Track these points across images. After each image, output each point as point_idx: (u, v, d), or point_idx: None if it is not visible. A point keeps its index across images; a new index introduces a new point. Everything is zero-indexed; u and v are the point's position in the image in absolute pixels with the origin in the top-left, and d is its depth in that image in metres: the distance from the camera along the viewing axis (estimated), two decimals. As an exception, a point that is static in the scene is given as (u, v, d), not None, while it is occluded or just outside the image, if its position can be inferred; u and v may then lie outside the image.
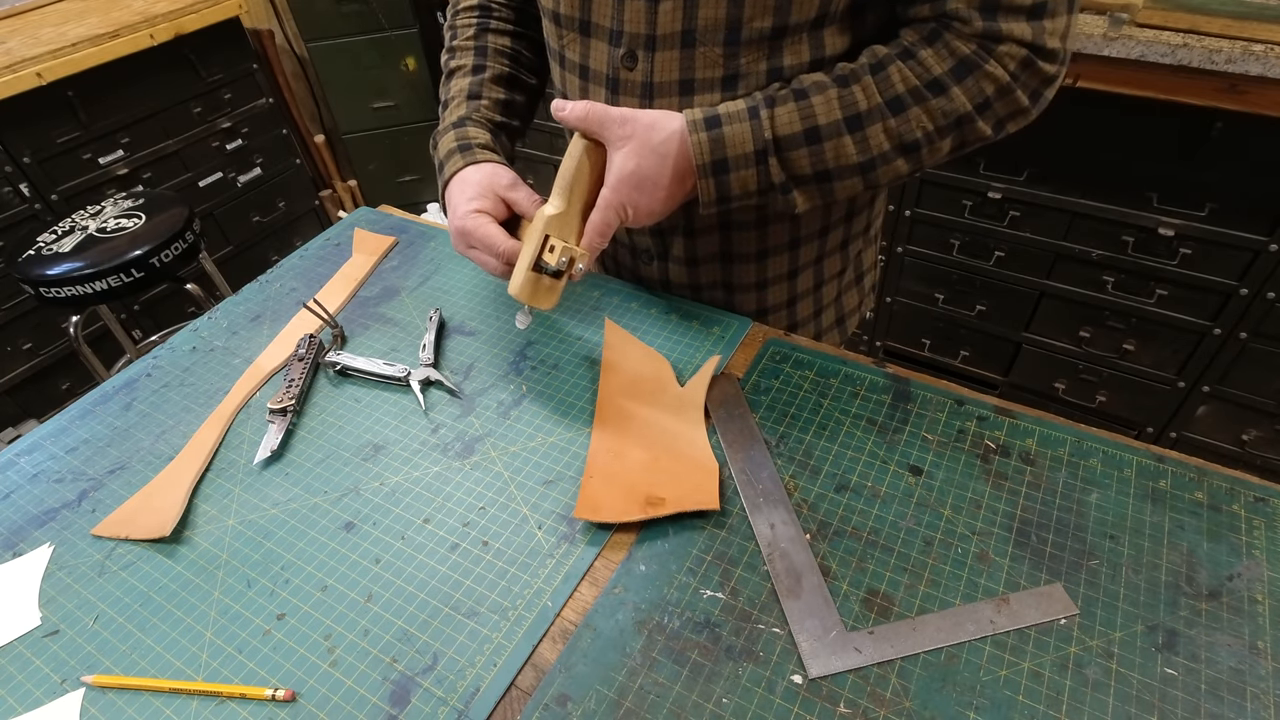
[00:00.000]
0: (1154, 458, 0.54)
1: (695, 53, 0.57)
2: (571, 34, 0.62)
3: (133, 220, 1.49)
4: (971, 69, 0.52)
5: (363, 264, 0.82)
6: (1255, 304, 1.27)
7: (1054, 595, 0.46)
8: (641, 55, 0.58)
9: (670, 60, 0.57)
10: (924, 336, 1.72)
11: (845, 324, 0.82)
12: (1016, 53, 0.51)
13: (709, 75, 0.57)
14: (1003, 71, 0.52)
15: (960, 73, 0.52)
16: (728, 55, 0.56)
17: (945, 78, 0.52)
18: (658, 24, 0.56)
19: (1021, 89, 0.53)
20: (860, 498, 0.53)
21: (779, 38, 0.55)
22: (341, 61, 2.27)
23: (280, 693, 0.45)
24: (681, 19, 0.55)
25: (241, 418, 0.65)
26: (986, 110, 0.53)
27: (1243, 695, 0.42)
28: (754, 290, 0.72)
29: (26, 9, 1.95)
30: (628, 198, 0.55)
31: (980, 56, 0.52)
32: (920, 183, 1.48)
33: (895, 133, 0.54)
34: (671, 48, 0.57)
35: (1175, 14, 1.11)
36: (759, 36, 0.55)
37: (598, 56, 0.61)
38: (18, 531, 0.58)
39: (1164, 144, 1.21)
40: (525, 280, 0.56)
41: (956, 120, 0.54)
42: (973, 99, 0.53)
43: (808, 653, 0.45)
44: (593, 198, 0.57)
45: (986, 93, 0.53)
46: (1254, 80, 1.06)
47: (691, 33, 0.56)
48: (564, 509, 0.54)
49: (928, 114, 0.53)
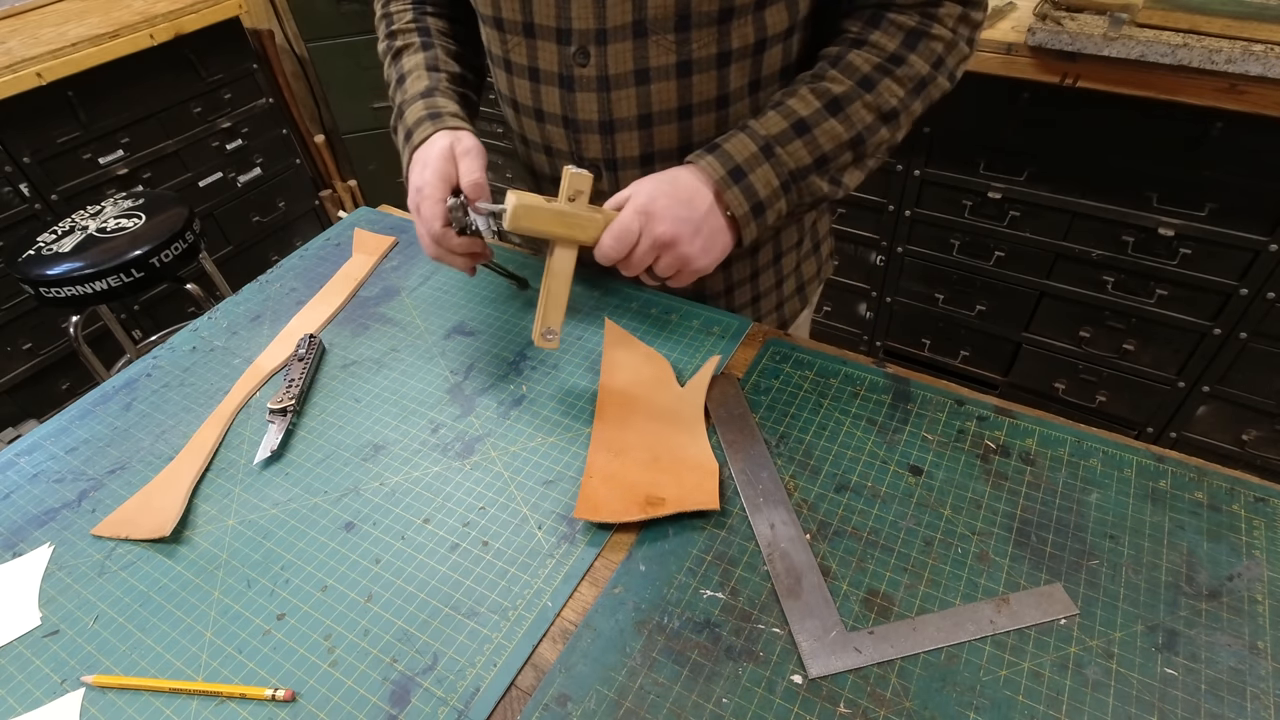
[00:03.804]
0: (1154, 458, 0.54)
1: (648, 42, 0.58)
2: (516, 37, 0.63)
3: (133, 220, 1.49)
4: (920, 36, 0.58)
5: (363, 264, 0.82)
6: (1255, 304, 1.27)
7: (1054, 595, 0.46)
8: (594, 50, 0.59)
9: (623, 52, 0.59)
10: (924, 336, 1.72)
11: (805, 291, 0.85)
12: (953, 10, 0.59)
13: (663, 63, 0.59)
14: (946, 30, 0.59)
15: (912, 42, 0.58)
16: (679, 41, 0.58)
17: (900, 50, 0.58)
18: (607, 18, 0.57)
19: (962, 40, 0.60)
20: (860, 498, 0.53)
21: (726, 20, 0.57)
22: (341, 61, 2.27)
23: (280, 693, 0.45)
24: (631, 10, 0.57)
25: (241, 418, 0.65)
26: (941, 66, 0.60)
27: (1243, 695, 0.42)
28: (720, 270, 0.74)
29: (26, 9, 1.95)
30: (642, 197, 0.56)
31: (925, 25, 0.58)
32: (920, 183, 1.48)
33: (874, 105, 0.59)
34: (624, 39, 0.58)
35: (1175, 14, 1.11)
36: (707, 21, 0.57)
37: (546, 57, 0.62)
38: (18, 531, 0.58)
39: (1164, 144, 1.21)
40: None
41: (920, 82, 0.60)
42: (929, 60, 0.59)
43: (808, 653, 0.45)
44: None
45: (938, 52, 0.59)
46: (1254, 80, 1.06)
47: (642, 23, 0.57)
48: (564, 509, 0.54)
49: (896, 83, 0.59)
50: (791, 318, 0.84)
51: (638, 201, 0.56)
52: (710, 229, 0.57)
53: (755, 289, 0.78)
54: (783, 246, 0.77)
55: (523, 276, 0.76)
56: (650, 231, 0.56)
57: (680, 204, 0.56)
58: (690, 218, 0.56)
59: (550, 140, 0.67)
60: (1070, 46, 1.15)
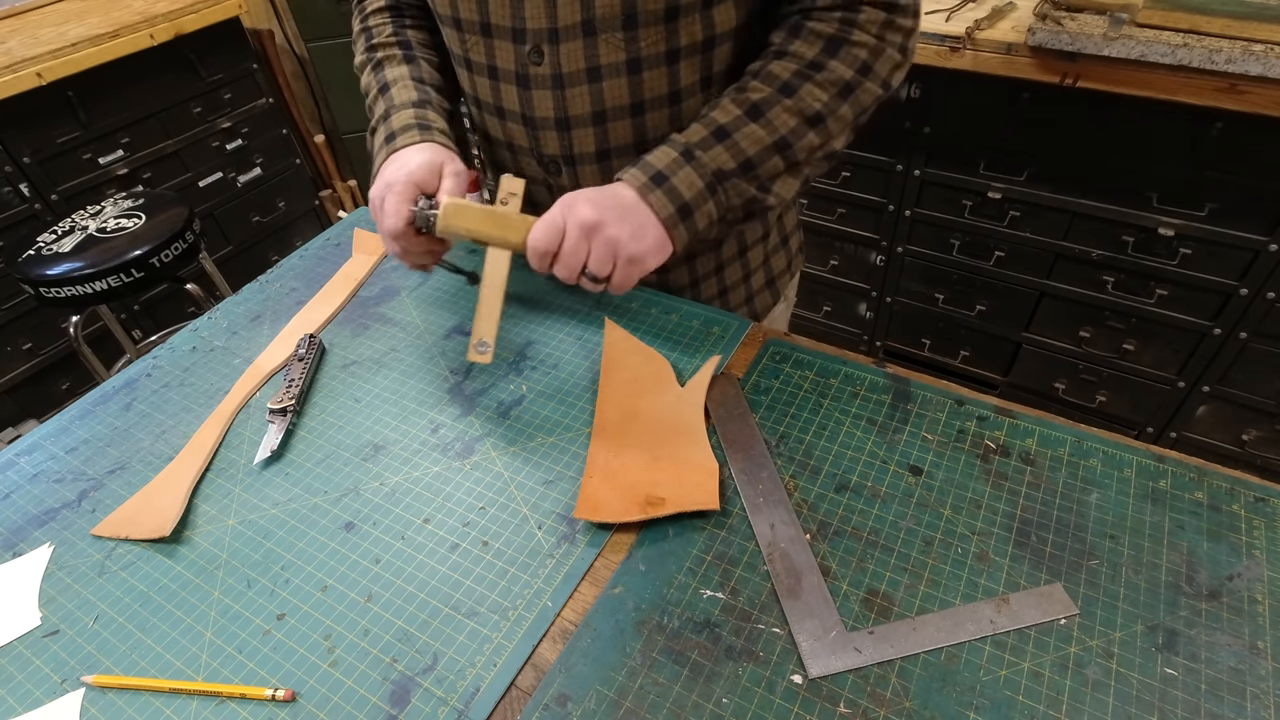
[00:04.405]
0: (1154, 458, 0.54)
1: (598, 40, 0.59)
2: (474, 37, 0.64)
3: (133, 220, 1.49)
4: (840, 43, 0.59)
5: (363, 264, 0.82)
6: (1255, 304, 1.27)
7: (1054, 595, 0.46)
8: (547, 49, 0.60)
9: (575, 50, 0.60)
10: (924, 336, 1.72)
11: (776, 285, 0.85)
12: (876, 16, 0.59)
13: (613, 60, 0.60)
14: (869, 37, 0.59)
15: (831, 49, 0.59)
16: (628, 40, 0.59)
17: (820, 58, 0.59)
18: (558, 17, 0.58)
19: (890, 46, 0.60)
20: (860, 498, 0.53)
21: (673, 19, 0.58)
22: (341, 61, 2.27)
23: (280, 693, 0.45)
24: (580, 9, 0.58)
25: (241, 418, 0.65)
26: (869, 73, 0.60)
27: (1243, 695, 0.42)
28: (684, 263, 0.76)
29: (26, 9, 1.95)
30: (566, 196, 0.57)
31: (844, 31, 0.59)
32: (920, 183, 1.48)
33: (795, 109, 0.59)
34: (574, 38, 0.59)
35: (1175, 14, 1.11)
36: (654, 19, 0.58)
37: (504, 55, 0.63)
38: (18, 531, 0.58)
39: (1164, 144, 1.21)
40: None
41: (845, 86, 0.59)
42: (852, 66, 0.59)
43: (808, 653, 0.45)
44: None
45: (861, 58, 0.59)
46: (1254, 80, 1.06)
47: (591, 22, 0.58)
48: (564, 509, 0.54)
49: (818, 87, 0.59)
50: (764, 311, 0.85)
51: (564, 199, 0.58)
52: (638, 220, 0.58)
53: (722, 282, 0.79)
54: (748, 240, 0.78)
55: (473, 271, 0.76)
56: (574, 216, 0.56)
57: (605, 196, 0.57)
58: (615, 205, 0.57)
59: (512, 137, 0.69)
60: (1070, 46, 1.15)
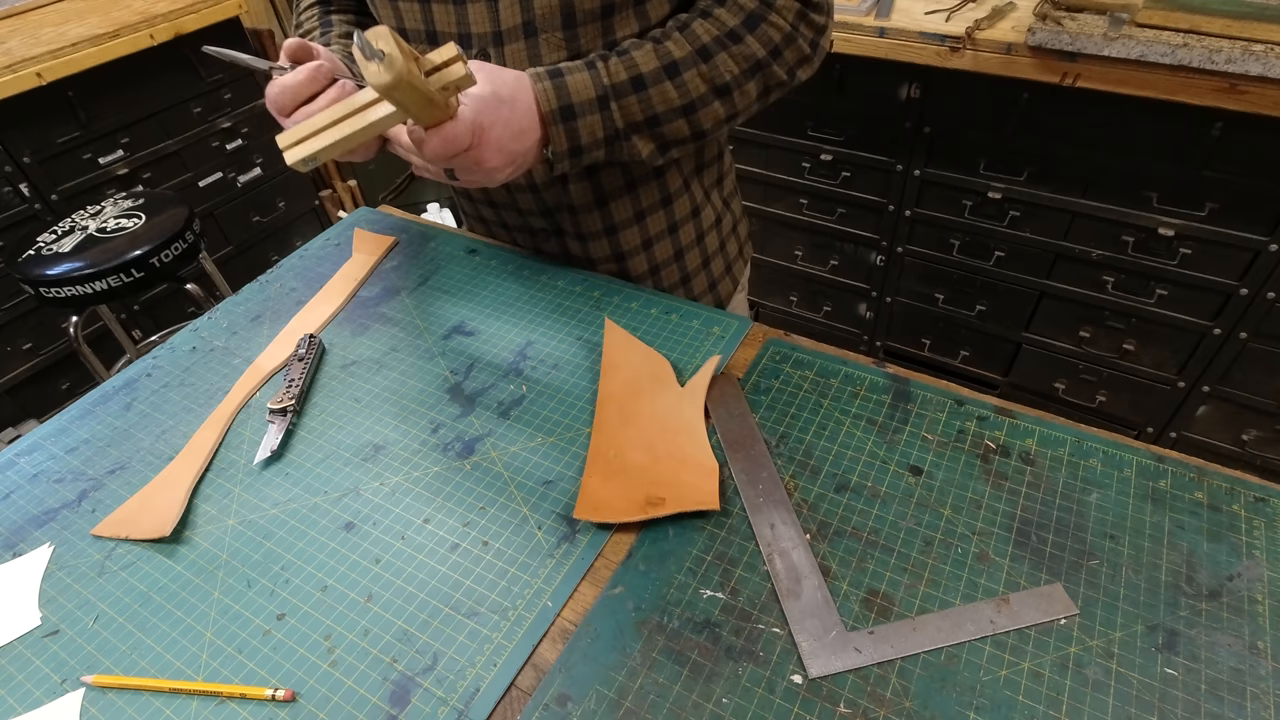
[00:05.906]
0: (1154, 458, 0.54)
1: (539, 40, 0.61)
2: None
3: (133, 220, 1.49)
4: (759, 20, 0.61)
5: (363, 264, 0.82)
6: (1255, 304, 1.27)
7: (1054, 595, 0.46)
8: (493, 52, 0.63)
9: (518, 51, 0.62)
10: (924, 336, 1.72)
11: (733, 271, 0.88)
12: (791, 5, 0.62)
13: (555, 58, 0.62)
14: (784, 22, 0.62)
15: (750, 24, 0.61)
16: (568, 38, 0.61)
17: (739, 29, 0.61)
18: (500, 20, 0.61)
19: (801, 39, 0.63)
20: (860, 498, 0.53)
21: (609, 15, 0.61)
22: (341, 61, 2.27)
23: (280, 693, 0.45)
24: (520, 11, 0.60)
25: (241, 418, 0.65)
26: (779, 57, 0.63)
27: (1243, 695, 0.42)
28: (642, 251, 0.78)
29: (26, 9, 1.95)
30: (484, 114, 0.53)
31: (762, 11, 0.61)
32: (920, 183, 1.48)
33: (708, 77, 0.61)
34: (517, 40, 0.62)
35: (1175, 14, 1.11)
36: (591, 17, 0.61)
37: None
38: (18, 531, 0.58)
39: (1164, 144, 1.21)
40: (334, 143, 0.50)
41: (756, 64, 0.62)
42: (765, 45, 0.62)
43: (808, 653, 0.45)
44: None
45: (775, 40, 0.62)
46: (1254, 80, 1.06)
47: (531, 23, 0.61)
48: (564, 509, 0.54)
49: (732, 59, 0.61)
50: (727, 299, 0.87)
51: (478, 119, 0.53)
52: (520, 165, 0.59)
53: (683, 269, 0.81)
54: (704, 226, 0.81)
55: (263, 68, 0.59)
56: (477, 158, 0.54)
57: (512, 137, 0.56)
58: (514, 151, 0.57)
59: None
60: (1070, 46, 1.15)
